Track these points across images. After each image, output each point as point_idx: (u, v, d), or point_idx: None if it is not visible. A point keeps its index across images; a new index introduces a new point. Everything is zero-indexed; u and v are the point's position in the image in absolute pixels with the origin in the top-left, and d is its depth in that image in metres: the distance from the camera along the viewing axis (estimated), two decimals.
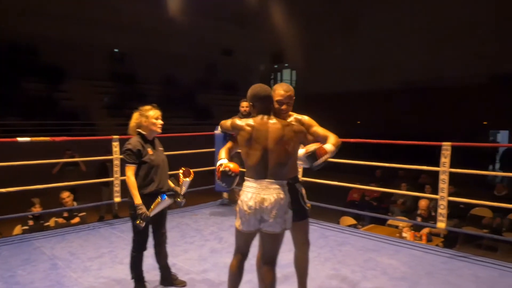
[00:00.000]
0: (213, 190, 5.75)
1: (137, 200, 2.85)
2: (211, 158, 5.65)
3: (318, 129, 2.52)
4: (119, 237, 4.39)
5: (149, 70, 18.32)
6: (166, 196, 2.88)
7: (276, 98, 2.43)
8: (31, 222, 5.81)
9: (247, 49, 22.37)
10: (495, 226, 7.04)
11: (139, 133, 2.99)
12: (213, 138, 5.65)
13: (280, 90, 2.44)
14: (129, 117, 3.12)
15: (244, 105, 5.21)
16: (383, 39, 18.62)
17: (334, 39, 19.67)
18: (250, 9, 18.84)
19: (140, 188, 2.88)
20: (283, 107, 2.45)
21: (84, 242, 4.25)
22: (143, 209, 2.83)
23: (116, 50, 19.38)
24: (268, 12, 19.15)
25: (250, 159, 2.33)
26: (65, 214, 5.80)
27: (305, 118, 2.59)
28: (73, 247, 4.06)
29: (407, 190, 8.35)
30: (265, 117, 2.36)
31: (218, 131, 5.76)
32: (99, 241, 4.27)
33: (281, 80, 26.04)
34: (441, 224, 3.91)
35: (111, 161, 8.10)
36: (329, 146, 2.35)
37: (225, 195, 6.17)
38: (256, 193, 2.29)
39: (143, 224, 2.85)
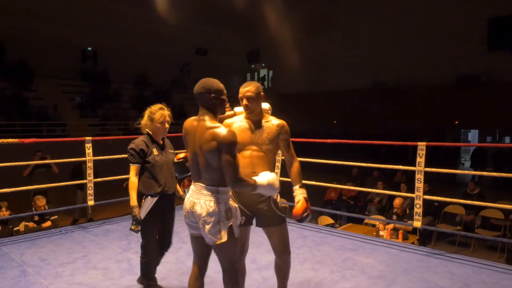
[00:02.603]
0: None
1: (132, 201, 2.80)
2: None
3: (290, 145, 2.56)
4: (92, 241, 4.25)
5: (122, 69, 17.95)
6: (149, 196, 2.84)
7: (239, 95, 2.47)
8: None
9: (223, 48, 22.25)
10: (468, 223, 7.24)
11: (148, 133, 2.96)
12: None
13: (240, 88, 2.47)
14: (101, 117, 3.07)
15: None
16: (357, 39, 18.92)
17: (309, 38, 19.80)
18: (226, 9, 18.77)
19: (144, 188, 2.85)
20: (244, 102, 2.45)
21: (55, 247, 4.09)
22: (135, 211, 2.78)
23: (89, 48, 18.90)
24: (245, 12, 19.11)
25: (189, 160, 2.28)
26: (36, 218, 5.60)
27: (285, 125, 2.55)
28: (44, 253, 3.90)
29: (383, 189, 8.50)
30: (201, 117, 2.20)
31: None
32: (71, 245, 4.12)
33: (258, 80, 26.03)
34: (417, 223, 3.97)
35: (85, 163, 7.99)
36: (304, 194, 2.45)
37: None
38: (190, 195, 2.21)
39: (138, 228, 2.79)
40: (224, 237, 2.12)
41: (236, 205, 2.25)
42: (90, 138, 4.68)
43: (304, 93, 20.24)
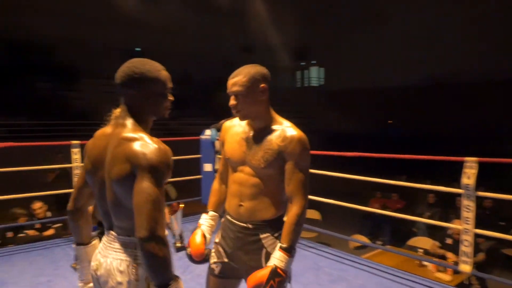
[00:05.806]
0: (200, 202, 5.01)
1: None
2: (198, 165, 4.95)
3: (295, 175, 1.52)
4: (71, 260, 3.69)
5: (168, 69, 17.87)
6: None
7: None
8: (10, 234, 5.26)
9: (271, 46, 21.56)
10: None
11: None
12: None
13: (228, 79, 1.61)
14: None
15: None
16: (409, 33, 17.42)
17: (361, 34, 18.55)
18: (272, 5, 18.13)
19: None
20: (231, 102, 1.60)
21: (28, 265, 3.58)
22: None
23: (137, 49, 19.11)
24: (292, 8, 18.34)
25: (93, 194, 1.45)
26: (38, 226, 5.24)
27: (295, 140, 1.54)
28: (11, 273, 3.38)
29: (435, 201, 7.37)
30: (119, 122, 1.36)
31: (204, 136, 5.00)
32: (45, 265, 3.58)
33: (309, 79, 25.00)
34: (465, 267, 2.91)
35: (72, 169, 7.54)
36: (281, 262, 1.47)
37: None
38: (98, 250, 1.40)
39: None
40: None
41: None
42: (77, 142, 4.15)
43: (355, 90, 19.00)
